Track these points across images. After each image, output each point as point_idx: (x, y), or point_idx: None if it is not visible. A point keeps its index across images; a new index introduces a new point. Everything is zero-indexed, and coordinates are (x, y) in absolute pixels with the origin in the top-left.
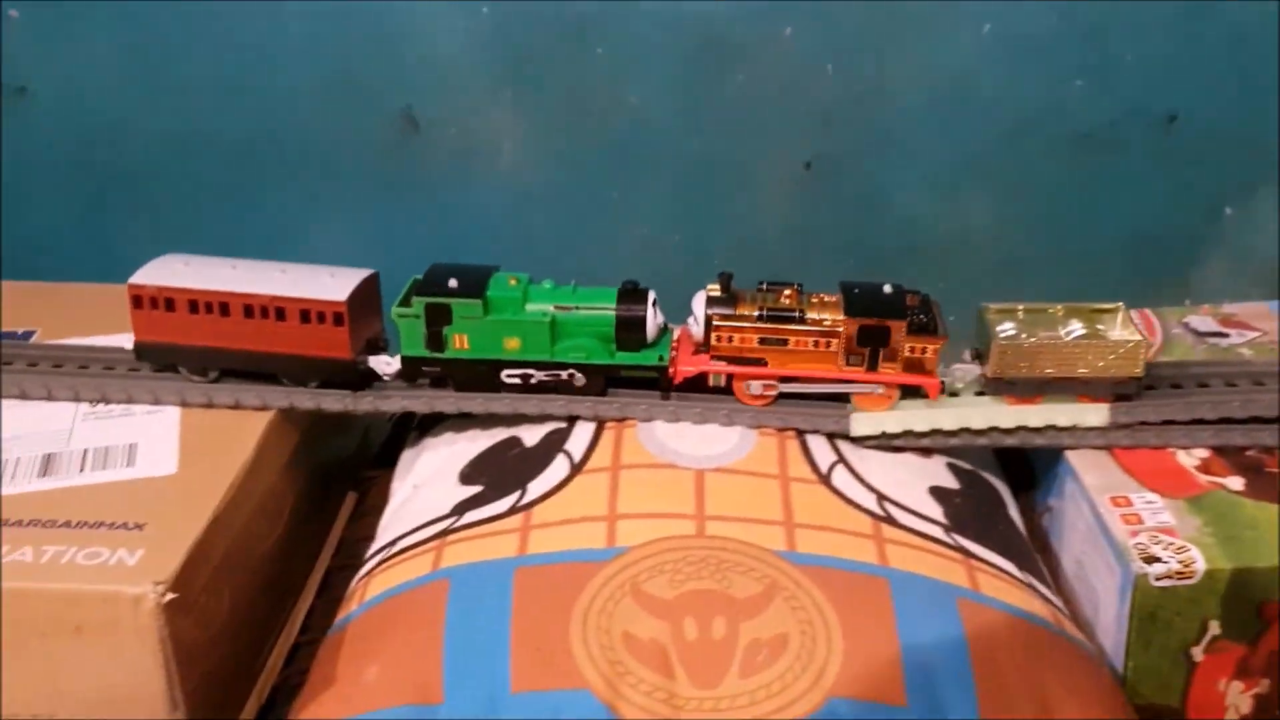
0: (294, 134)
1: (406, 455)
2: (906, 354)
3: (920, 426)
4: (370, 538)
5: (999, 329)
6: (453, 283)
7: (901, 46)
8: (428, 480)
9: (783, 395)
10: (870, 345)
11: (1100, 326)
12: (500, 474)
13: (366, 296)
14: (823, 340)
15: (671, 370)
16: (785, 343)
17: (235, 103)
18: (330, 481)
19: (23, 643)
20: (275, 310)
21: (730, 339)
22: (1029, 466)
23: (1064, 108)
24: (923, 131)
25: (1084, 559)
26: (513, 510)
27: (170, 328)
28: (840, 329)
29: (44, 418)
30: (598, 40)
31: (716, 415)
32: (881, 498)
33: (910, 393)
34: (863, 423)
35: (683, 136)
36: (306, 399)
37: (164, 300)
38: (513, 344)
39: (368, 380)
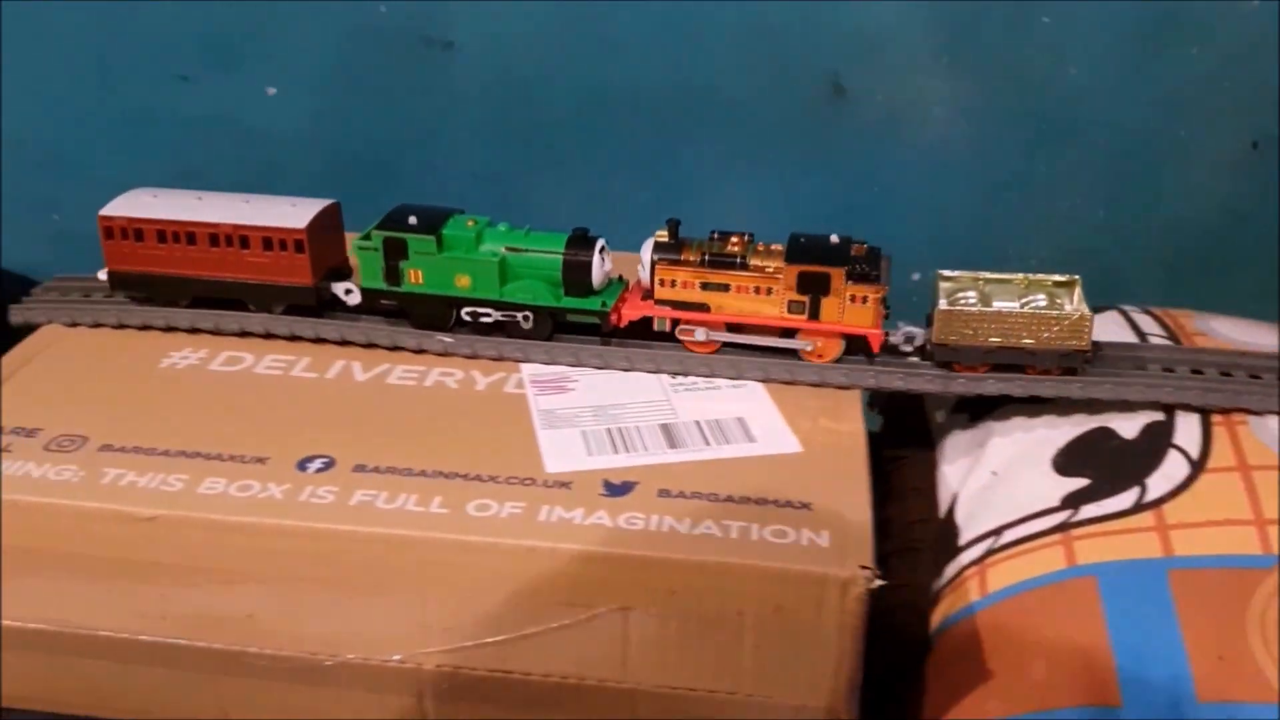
0: (713, 94)
1: (954, 439)
2: (848, 302)
3: None
4: (920, 520)
5: (946, 294)
6: (412, 219)
7: None
8: (1009, 468)
9: (729, 345)
10: (810, 292)
11: (1059, 300)
12: (1106, 467)
13: (328, 225)
14: (764, 286)
15: (615, 316)
16: (727, 288)
17: (657, 60)
18: None
19: (720, 616)
20: (239, 238)
21: (673, 284)
22: None
23: None
24: None
25: None
26: (1138, 508)
27: (141, 258)
28: (780, 275)
29: (638, 389)
30: (1044, 10)
31: None
32: None
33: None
34: None
35: (1120, 110)
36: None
37: (134, 231)
38: (463, 281)
39: (329, 306)
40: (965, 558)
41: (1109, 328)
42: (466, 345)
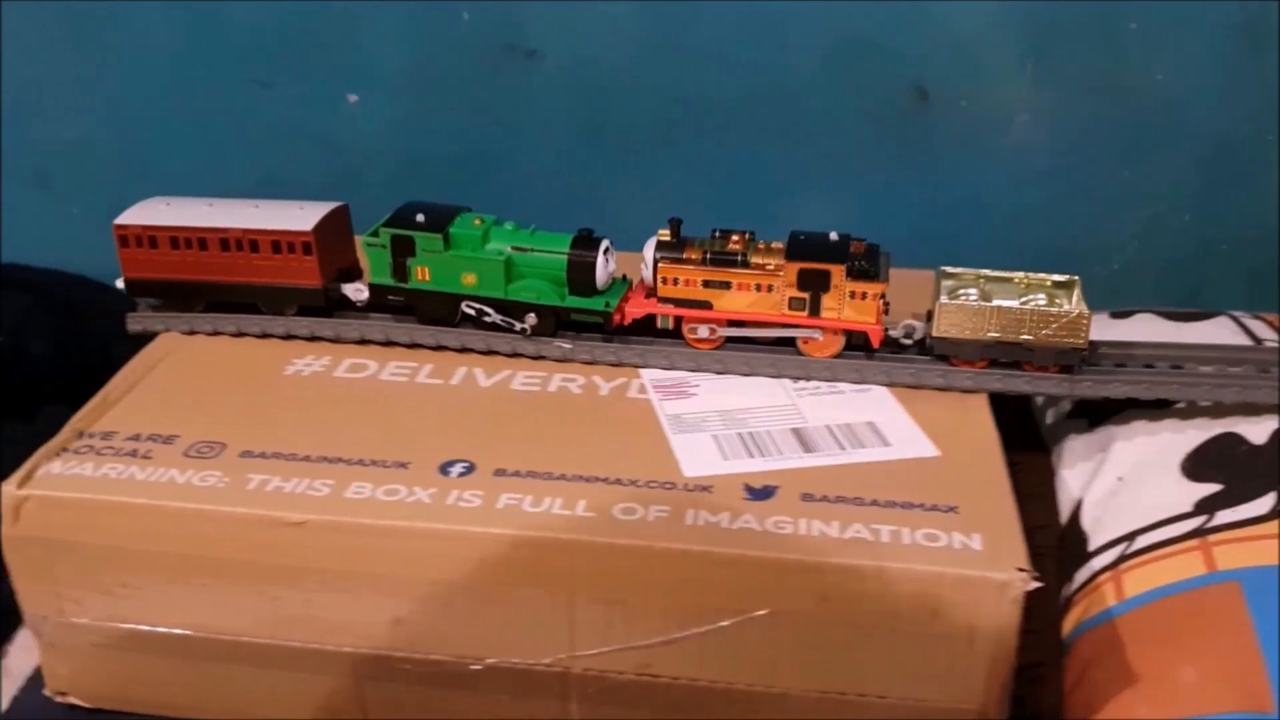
0: (795, 100)
1: (1072, 443)
2: (848, 299)
3: None
4: (1041, 526)
5: (948, 290)
6: (419, 217)
7: None
8: (1135, 473)
9: (731, 340)
10: (811, 290)
11: (1058, 299)
12: (1239, 472)
13: (335, 227)
14: (764, 283)
15: (618, 315)
16: (728, 286)
17: (739, 66)
18: None
19: (873, 620)
20: (249, 242)
21: (675, 281)
22: None
23: None
24: None
25: None
26: (1274, 514)
27: (155, 264)
28: (781, 272)
29: (762, 393)
30: (1131, 16)
31: None
32: None
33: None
34: None
35: (1208, 116)
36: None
37: (148, 238)
38: (470, 279)
39: (340, 306)
40: (1097, 563)
41: (1220, 333)
42: (586, 351)
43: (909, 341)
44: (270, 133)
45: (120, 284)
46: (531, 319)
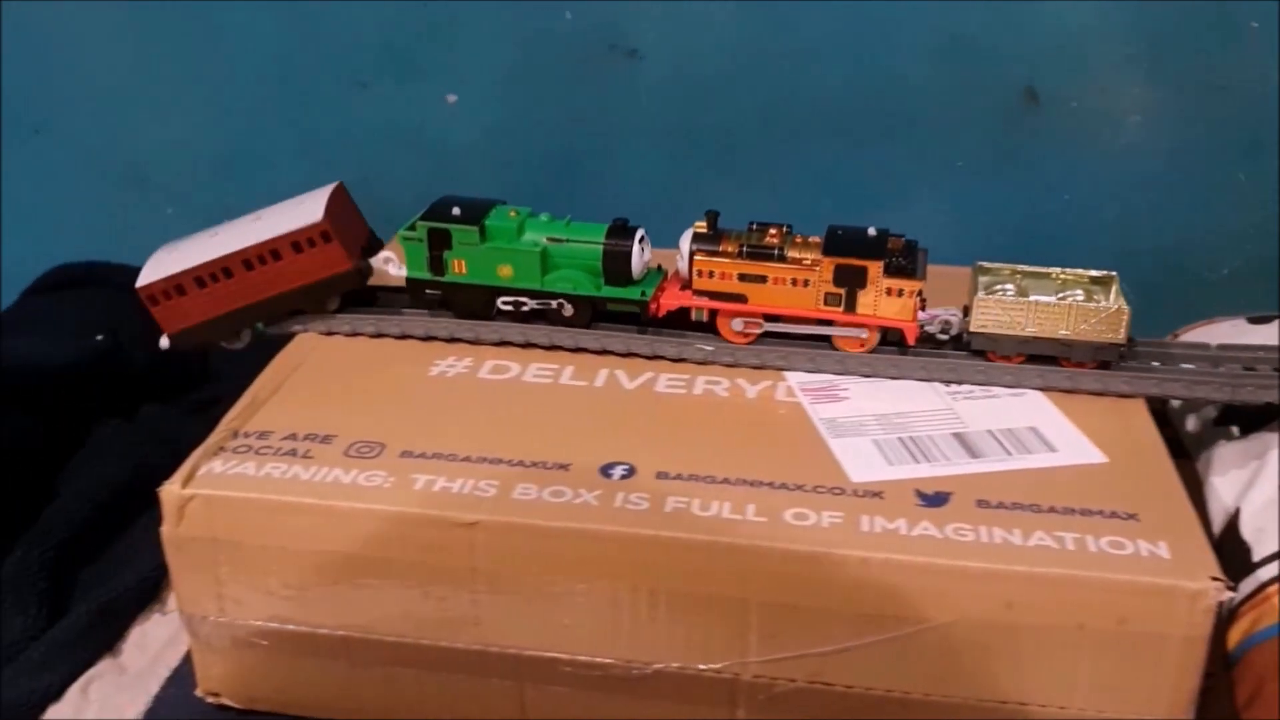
0: (900, 100)
1: (1222, 451)
2: (884, 295)
3: None
4: None
5: (984, 286)
6: (455, 210)
7: None
8: None
9: (769, 335)
10: (847, 285)
11: (1096, 296)
12: None
13: (342, 208)
14: (800, 278)
15: (654, 306)
16: (764, 280)
17: (842, 65)
18: None
19: (1058, 629)
20: (270, 253)
21: (711, 274)
22: None
23: None
24: None
25: None
26: None
27: (191, 310)
28: (817, 267)
29: (915, 397)
30: (1251, 13)
31: None
32: None
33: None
34: None
35: None
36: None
37: (174, 289)
38: (506, 272)
39: (369, 276)
40: (1264, 574)
41: None
42: (727, 354)
43: (944, 337)
44: (367, 133)
45: (165, 343)
46: (568, 308)
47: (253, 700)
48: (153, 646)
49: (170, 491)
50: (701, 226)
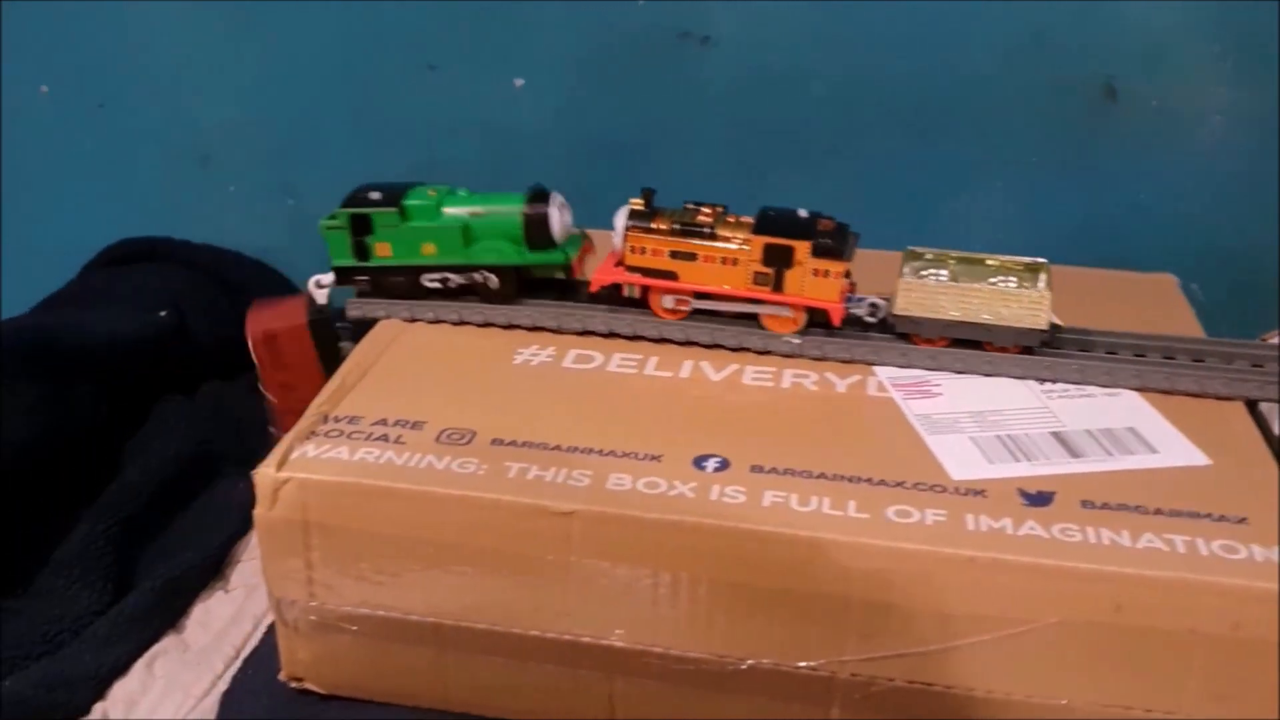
0: (973, 94)
1: None
2: (811, 276)
3: None
4: None
5: (912, 270)
6: (374, 195)
7: None
8: None
9: (697, 313)
10: (775, 265)
11: (1027, 283)
12: None
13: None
14: (730, 257)
15: (587, 280)
16: (694, 258)
17: (915, 58)
18: None
19: (1169, 633)
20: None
21: (644, 251)
22: None
23: None
24: None
25: None
26: None
27: None
28: (747, 246)
29: (1009, 394)
30: None
31: None
32: None
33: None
34: None
35: None
36: None
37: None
38: (430, 249)
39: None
40: None
41: None
42: (815, 347)
43: (873, 320)
44: (434, 115)
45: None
46: (493, 279)
47: (337, 686)
48: (215, 624)
49: (265, 474)
50: (638, 204)
